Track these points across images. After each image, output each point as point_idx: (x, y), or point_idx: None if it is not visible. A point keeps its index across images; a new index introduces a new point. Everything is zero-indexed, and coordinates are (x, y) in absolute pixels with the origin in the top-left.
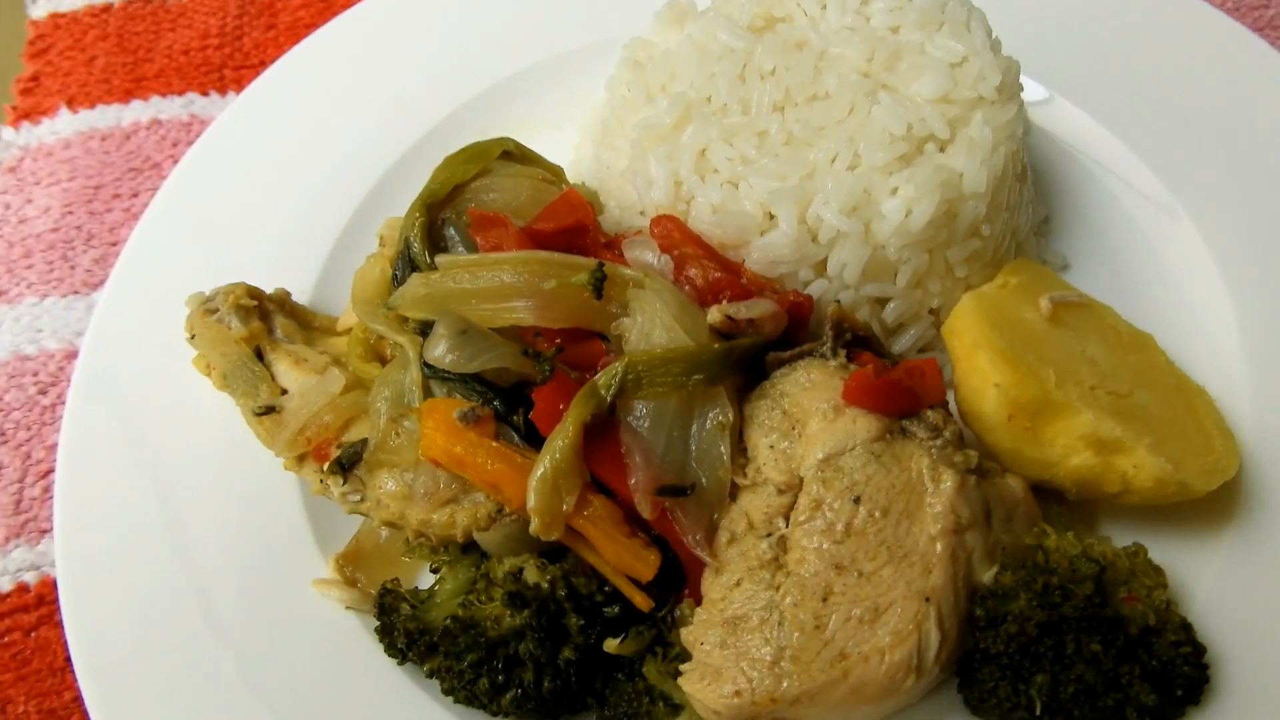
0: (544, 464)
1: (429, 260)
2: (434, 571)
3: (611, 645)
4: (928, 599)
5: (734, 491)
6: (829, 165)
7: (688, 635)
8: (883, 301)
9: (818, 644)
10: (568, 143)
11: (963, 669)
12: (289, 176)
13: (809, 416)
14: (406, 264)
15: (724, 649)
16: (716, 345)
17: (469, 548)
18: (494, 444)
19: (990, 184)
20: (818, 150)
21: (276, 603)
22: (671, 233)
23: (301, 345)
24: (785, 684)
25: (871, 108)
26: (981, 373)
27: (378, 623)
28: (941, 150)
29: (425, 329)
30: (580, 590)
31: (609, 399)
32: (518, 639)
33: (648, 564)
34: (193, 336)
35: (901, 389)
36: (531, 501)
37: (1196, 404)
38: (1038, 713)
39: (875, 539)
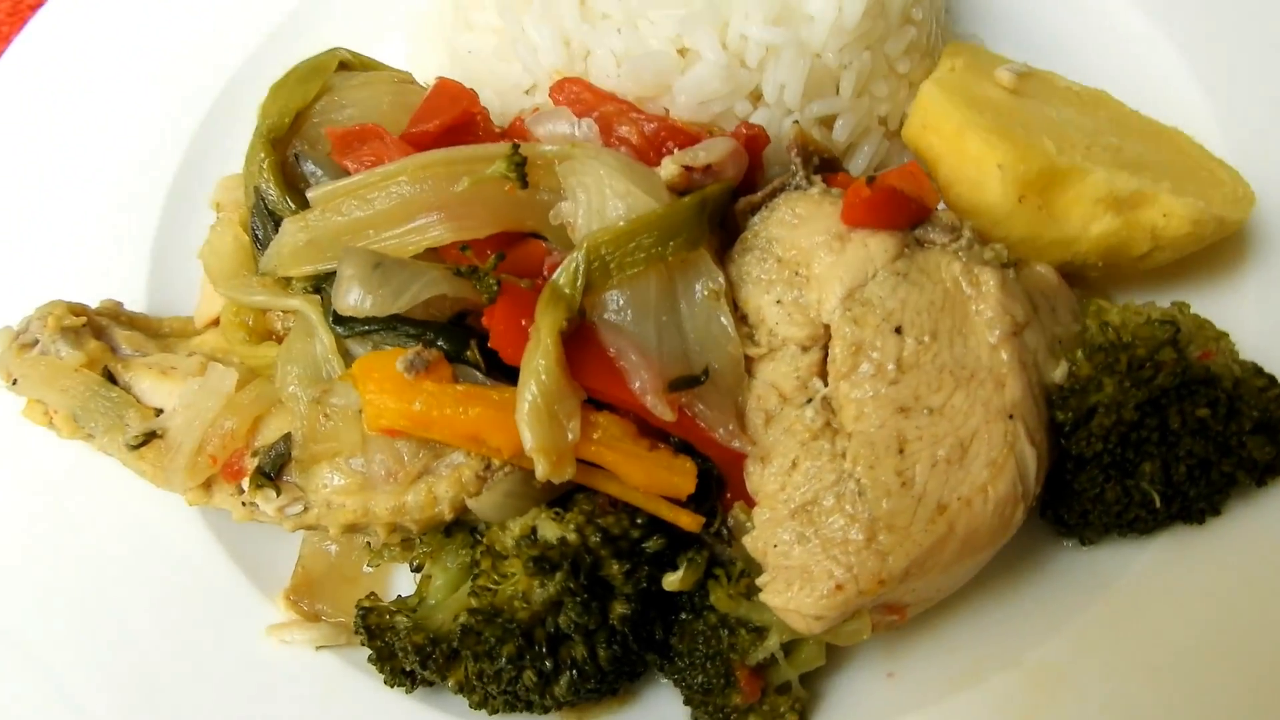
0: (530, 391)
1: (292, 205)
2: (416, 570)
3: (671, 581)
4: (1011, 415)
5: (749, 367)
6: None
7: (753, 542)
8: (828, 122)
9: (910, 503)
10: (397, 55)
11: (1049, 488)
12: (76, 163)
13: (810, 256)
14: (266, 218)
15: (804, 543)
16: (686, 199)
17: (453, 528)
18: (458, 387)
19: None
20: None
21: (231, 671)
22: (581, 94)
23: (160, 354)
24: (890, 559)
25: None
26: (976, 159)
27: (369, 651)
28: None
29: (320, 284)
30: (613, 530)
31: (578, 297)
32: (555, 611)
33: (686, 473)
34: (14, 382)
35: (905, 197)
36: (529, 441)
37: (1182, 143)
38: (1158, 506)
39: (934, 367)
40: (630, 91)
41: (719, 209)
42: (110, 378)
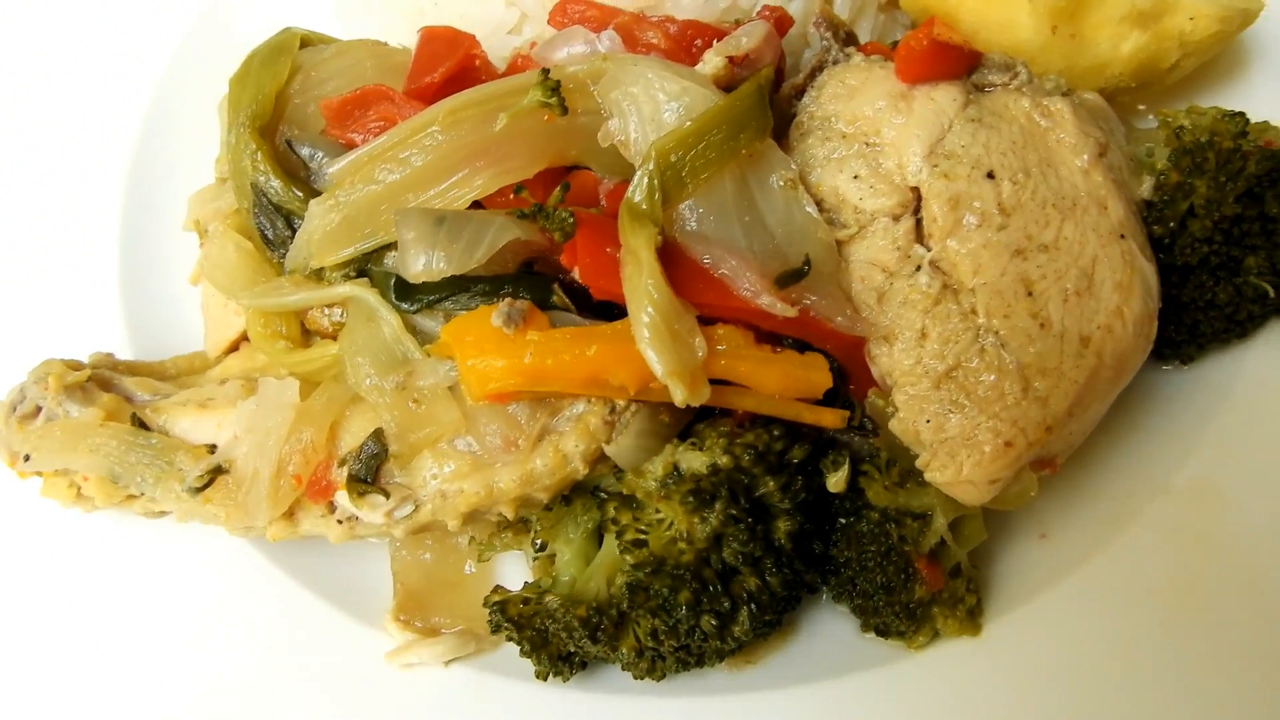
0: (645, 314)
1: (299, 195)
2: (540, 550)
3: (836, 480)
4: (1122, 235)
5: (840, 252)
6: None
7: (901, 425)
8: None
9: (1055, 343)
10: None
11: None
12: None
13: (877, 122)
14: (273, 213)
15: (958, 410)
16: (745, 86)
17: (570, 494)
18: (565, 331)
19: None
20: None
21: (368, 712)
22: (585, 11)
23: (186, 391)
24: (1052, 402)
25: None
26: None
27: (514, 646)
28: None
29: (364, 267)
30: (758, 447)
31: (659, 211)
32: (718, 545)
33: (820, 368)
34: (26, 458)
35: (953, 45)
36: (660, 366)
37: None
38: (1271, 295)
39: (1035, 204)
40: (630, 3)
41: (772, 95)
42: (141, 425)
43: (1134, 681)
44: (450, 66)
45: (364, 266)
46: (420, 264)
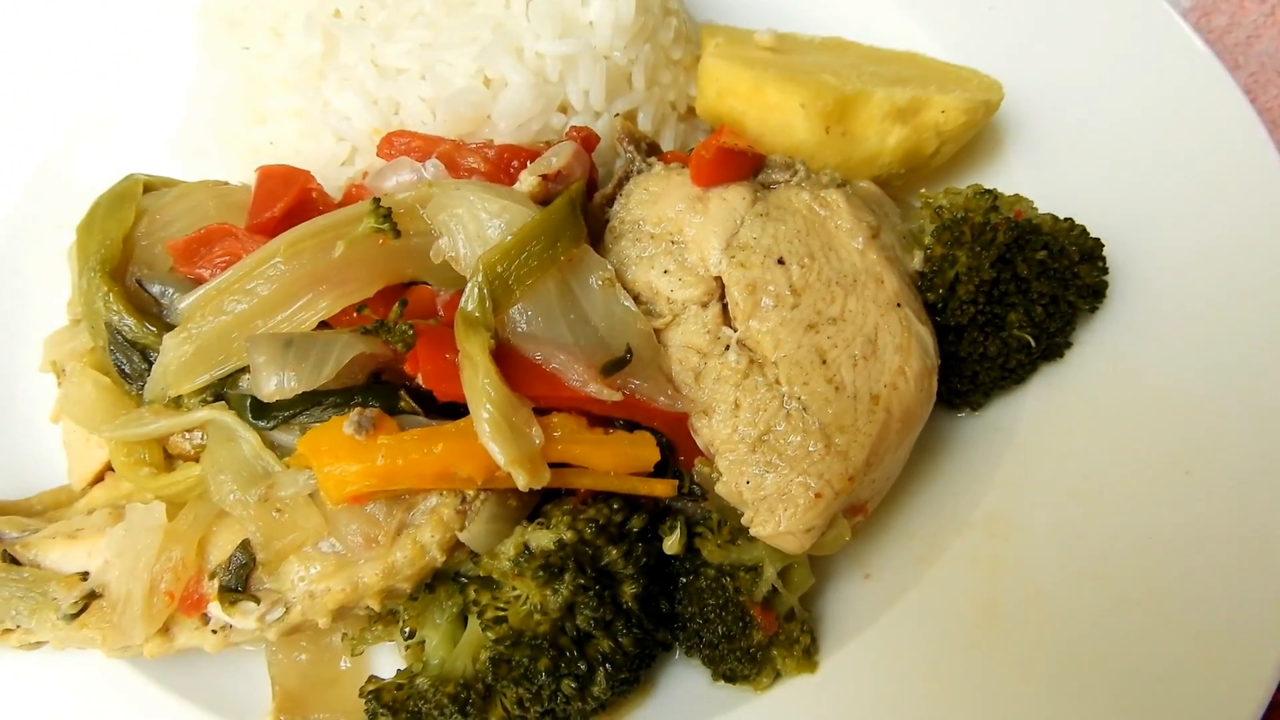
0: (485, 410)
1: (152, 330)
2: (408, 637)
3: (671, 543)
4: (899, 304)
5: (659, 339)
6: (506, 8)
7: (726, 487)
8: (631, 117)
9: (849, 403)
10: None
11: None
12: None
13: (680, 223)
14: (128, 349)
15: (772, 470)
16: (558, 201)
17: (434, 582)
18: (414, 431)
19: None
20: (483, 3)
21: None
22: (410, 142)
23: (54, 525)
24: (851, 455)
25: None
26: (777, 106)
27: None
28: None
29: (219, 391)
30: (600, 520)
31: (490, 317)
32: (571, 614)
33: (648, 445)
34: None
35: (739, 150)
36: (503, 455)
37: (921, 59)
38: (1033, 345)
39: (822, 283)
40: (451, 131)
41: (583, 206)
42: (13, 560)
43: (950, 697)
44: (288, 201)
45: (220, 390)
46: (273, 384)
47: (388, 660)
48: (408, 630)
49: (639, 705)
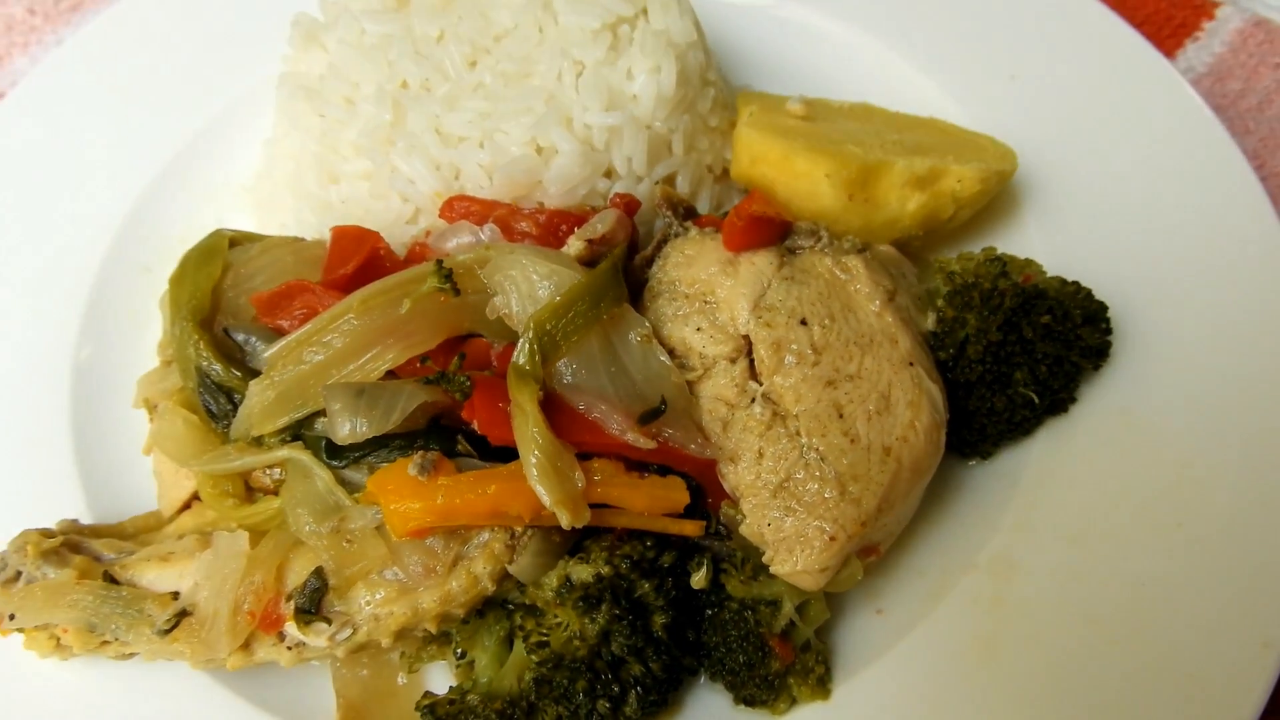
0: (533, 455)
1: (237, 374)
2: (460, 657)
3: (698, 579)
4: (911, 363)
5: (692, 390)
6: (559, 81)
7: (750, 528)
8: (671, 180)
9: (863, 454)
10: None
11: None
12: None
13: (712, 285)
14: (216, 392)
15: (791, 514)
16: (602, 265)
17: (484, 608)
18: (469, 474)
19: (696, 31)
20: (538, 75)
21: None
22: (470, 207)
23: (148, 548)
24: (864, 502)
25: (557, 19)
26: (805, 174)
27: None
28: (632, 26)
29: (297, 432)
30: (634, 556)
31: (539, 370)
32: (606, 641)
33: (679, 488)
34: (11, 617)
35: (769, 217)
36: (548, 497)
37: (942, 126)
38: (1036, 401)
39: (841, 342)
40: (506, 194)
41: (625, 269)
42: (112, 580)
43: None
44: (359, 259)
45: (298, 431)
46: (346, 429)
47: (440, 677)
48: (459, 651)
49: None
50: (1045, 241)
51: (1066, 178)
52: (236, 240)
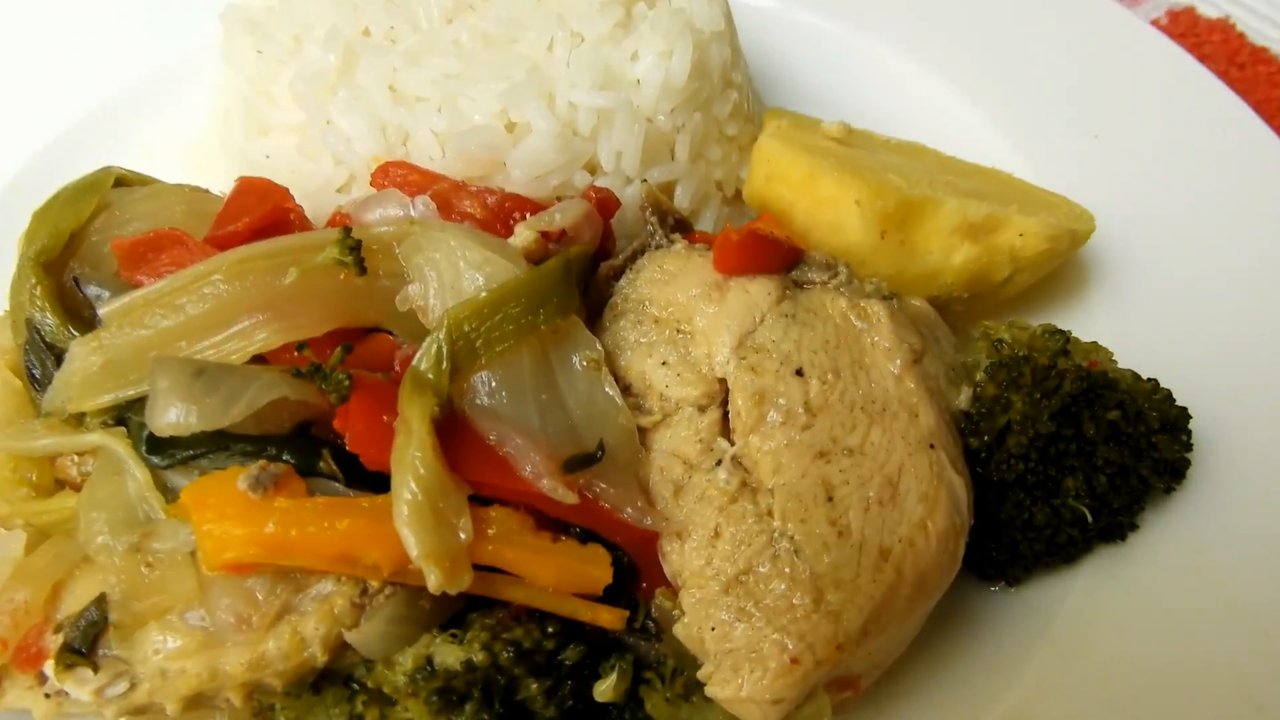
0: (408, 489)
1: (74, 334)
2: None
3: (603, 690)
4: (932, 445)
5: (643, 439)
6: (548, 51)
7: (686, 630)
8: (668, 190)
9: (853, 554)
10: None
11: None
12: None
13: (690, 310)
14: (43, 353)
15: (745, 619)
16: (550, 262)
17: (321, 681)
18: (318, 500)
19: (724, 21)
20: (526, 42)
21: None
22: (407, 175)
23: None
24: (844, 618)
25: None
26: (832, 200)
27: None
28: (650, 4)
29: (123, 415)
30: (524, 644)
31: (445, 382)
32: None
33: (600, 562)
34: None
35: (775, 239)
36: (415, 547)
37: (1006, 178)
38: (1090, 521)
39: (843, 406)
40: (459, 172)
41: (582, 275)
42: None
43: None
44: (258, 217)
45: (124, 415)
46: (170, 417)
47: None
48: None
49: None
50: (1116, 330)
51: (1149, 255)
52: (127, 180)
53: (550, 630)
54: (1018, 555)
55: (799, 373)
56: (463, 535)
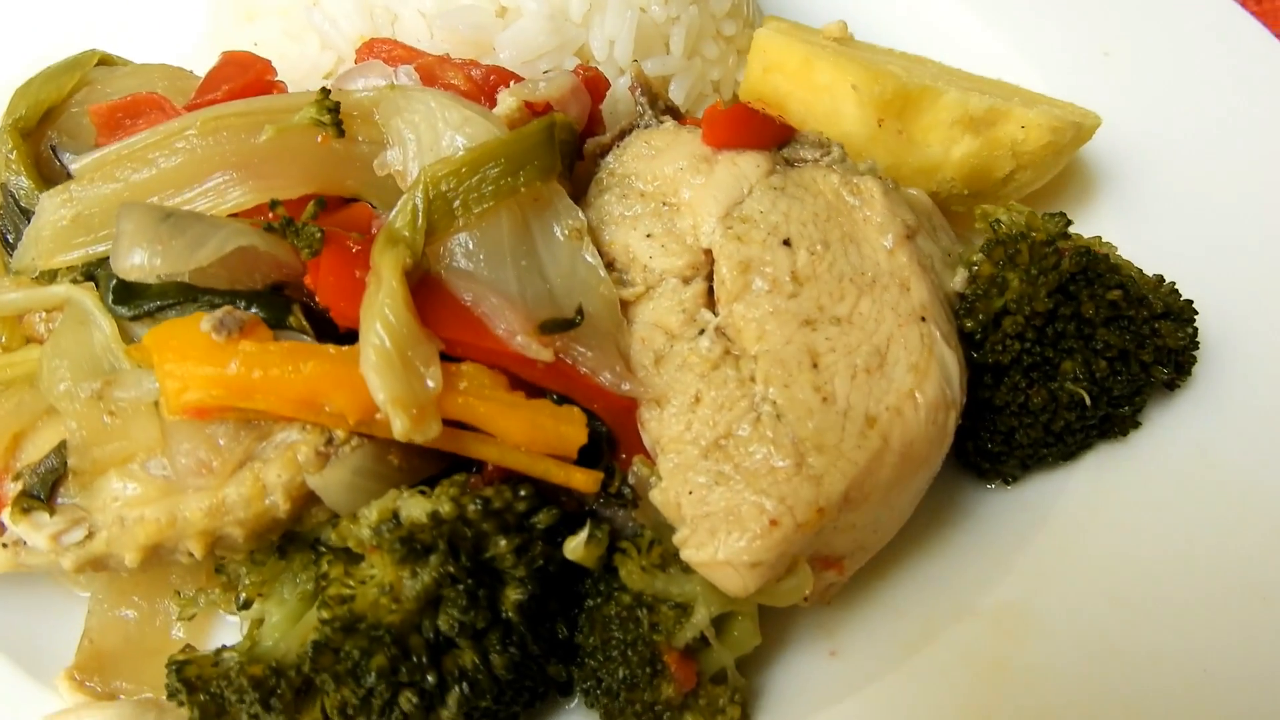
0: (375, 335)
1: None
2: (243, 608)
3: (573, 547)
4: (923, 318)
5: (625, 312)
6: None
7: (663, 495)
8: (663, 85)
9: (837, 419)
10: None
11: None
12: None
13: (676, 183)
14: (18, 216)
15: (723, 482)
16: (532, 123)
17: (289, 546)
18: (285, 344)
19: None
20: None
21: None
22: (391, 50)
23: None
24: (826, 482)
25: None
26: (829, 87)
27: (192, 711)
28: None
29: (93, 272)
30: (494, 503)
31: (420, 240)
32: (434, 611)
33: (575, 421)
34: None
35: (766, 115)
36: (381, 391)
37: (1008, 84)
38: (1088, 404)
39: (832, 276)
40: (448, 53)
41: (568, 148)
42: None
43: None
44: (238, 85)
45: (93, 271)
46: (134, 259)
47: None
48: (242, 598)
49: None
50: (1123, 231)
51: (1157, 162)
52: (110, 61)
53: (523, 494)
54: (1014, 446)
55: (786, 243)
56: (431, 384)
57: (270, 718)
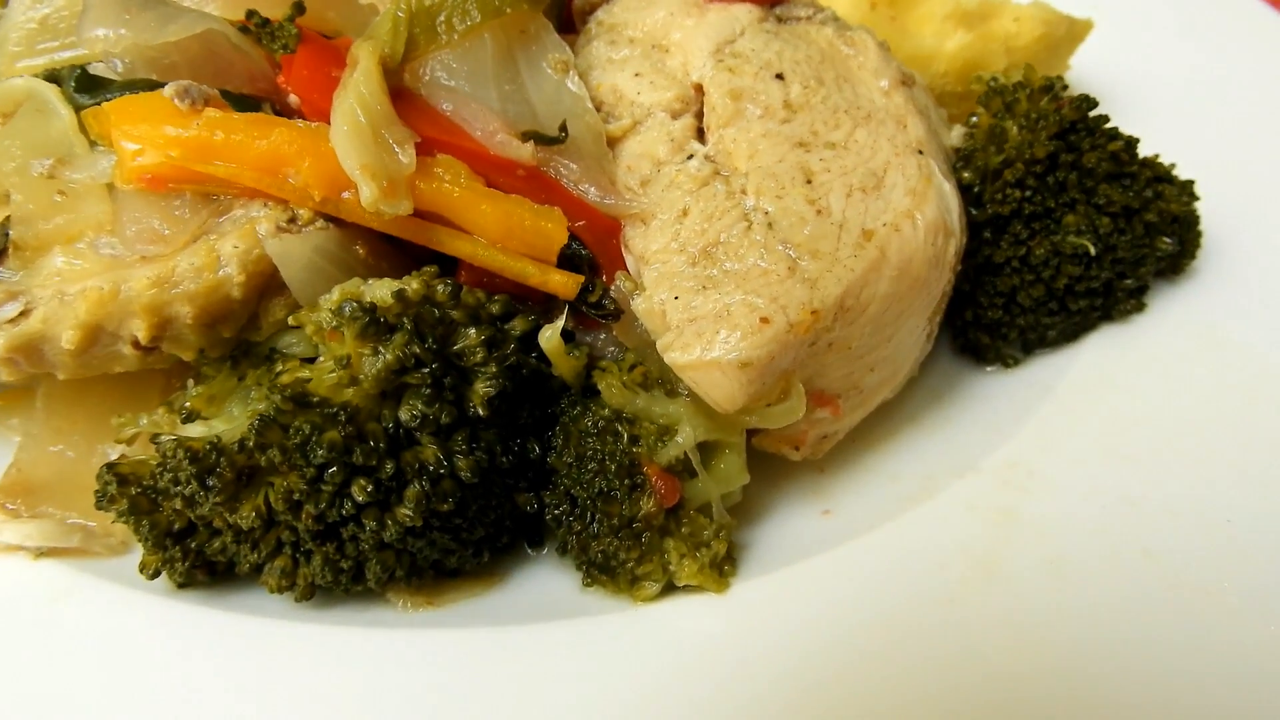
0: (347, 106)
1: None
2: (185, 419)
3: (549, 338)
4: (920, 151)
5: (612, 149)
6: None
7: (647, 304)
8: None
9: (832, 230)
10: None
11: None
12: None
13: (667, 26)
14: None
15: (713, 287)
16: None
17: (241, 359)
18: (251, 114)
19: None
20: None
21: None
22: None
23: None
24: (821, 285)
25: None
26: None
27: (121, 506)
28: None
29: (56, 75)
30: (468, 301)
31: (400, 49)
32: (395, 398)
33: (554, 219)
34: None
35: None
36: (350, 157)
37: None
38: (1092, 253)
39: (827, 108)
40: None
41: (555, 4)
42: None
43: (907, 649)
44: None
45: (57, 75)
46: (101, 28)
47: None
48: (186, 408)
49: (472, 594)
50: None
51: (1150, 66)
52: None
53: (496, 298)
54: (1015, 310)
55: (779, 76)
56: (404, 160)
57: (207, 501)
